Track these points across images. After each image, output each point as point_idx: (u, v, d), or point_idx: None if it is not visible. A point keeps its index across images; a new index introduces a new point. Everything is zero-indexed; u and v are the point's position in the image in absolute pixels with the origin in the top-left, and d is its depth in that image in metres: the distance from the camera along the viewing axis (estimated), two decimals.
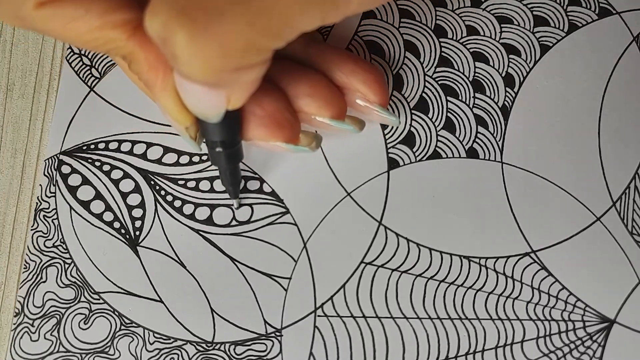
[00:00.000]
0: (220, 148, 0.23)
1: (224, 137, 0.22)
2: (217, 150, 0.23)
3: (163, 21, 0.16)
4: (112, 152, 0.27)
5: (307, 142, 0.24)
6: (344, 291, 0.25)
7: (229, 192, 0.25)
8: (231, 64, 0.18)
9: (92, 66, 0.28)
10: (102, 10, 0.19)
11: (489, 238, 0.25)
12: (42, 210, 0.27)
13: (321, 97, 0.23)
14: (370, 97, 0.24)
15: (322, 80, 0.24)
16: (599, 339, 0.24)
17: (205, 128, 0.22)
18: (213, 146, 0.23)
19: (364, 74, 0.24)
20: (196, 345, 0.25)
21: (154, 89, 0.21)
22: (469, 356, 0.24)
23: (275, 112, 0.23)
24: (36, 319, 0.25)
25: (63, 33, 0.20)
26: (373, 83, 0.24)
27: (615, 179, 0.25)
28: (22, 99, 0.28)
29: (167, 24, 0.16)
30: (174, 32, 0.16)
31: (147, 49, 0.20)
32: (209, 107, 0.20)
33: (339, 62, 0.24)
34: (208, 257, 0.26)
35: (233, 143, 0.23)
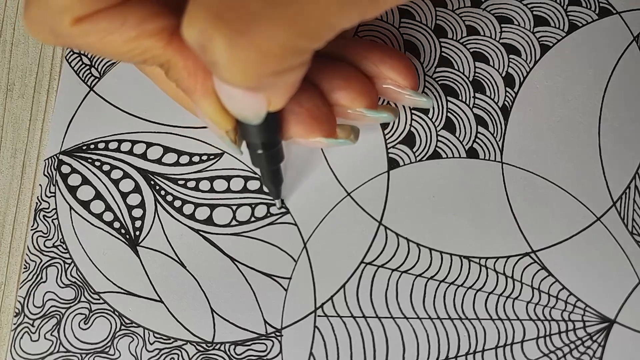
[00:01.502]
0: (262, 150, 0.23)
1: (264, 139, 0.23)
2: (259, 152, 0.23)
3: (201, 29, 0.16)
4: (112, 152, 0.27)
5: (345, 135, 0.25)
6: (344, 291, 0.25)
7: (271, 192, 0.25)
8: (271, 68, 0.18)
9: (91, 66, 0.28)
10: (138, 21, 0.19)
11: (489, 238, 0.25)
12: (42, 210, 0.27)
13: (354, 88, 0.23)
14: (401, 82, 0.24)
15: (353, 72, 0.24)
16: (599, 339, 0.24)
17: (246, 130, 0.22)
18: (254, 148, 0.23)
19: (392, 61, 0.24)
20: (196, 345, 0.25)
21: (194, 94, 0.21)
22: (469, 356, 0.24)
23: (312, 108, 0.23)
24: (36, 319, 0.25)
25: (100, 47, 0.19)
26: (402, 68, 0.24)
27: (615, 178, 0.25)
28: (22, 99, 0.28)
29: (204, 32, 0.16)
30: (212, 39, 0.16)
31: (185, 56, 0.20)
32: (250, 110, 0.20)
33: (366, 53, 0.24)
34: (208, 257, 0.26)
35: (274, 144, 0.23)
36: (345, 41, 0.24)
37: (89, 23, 0.19)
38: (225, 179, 0.26)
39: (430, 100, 0.25)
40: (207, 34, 0.16)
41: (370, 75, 0.24)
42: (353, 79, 0.24)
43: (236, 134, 0.23)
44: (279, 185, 0.25)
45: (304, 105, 0.23)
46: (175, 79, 0.21)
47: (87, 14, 0.19)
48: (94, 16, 0.19)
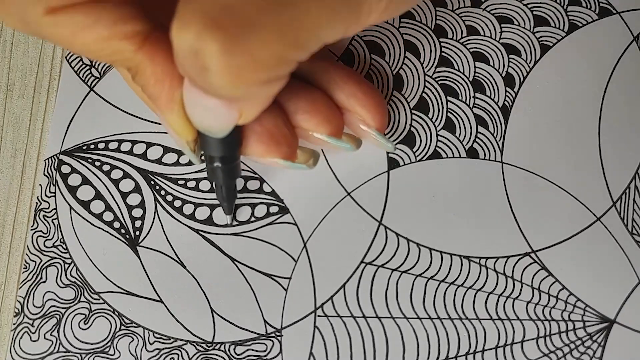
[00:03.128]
0: (219, 163, 0.23)
1: (223, 153, 0.22)
2: (215, 165, 0.23)
3: (195, 32, 0.16)
4: (112, 152, 0.27)
5: (304, 159, 0.24)
6: (344, 291, 0.25)
7: (223, 208, 0.25)
8: (261, 77, 0.18)
9: (92, 66, 0.28)
10: (112, 21, 0.19)
11: (489, 238, 0.25)
12: (42, 210, 0.27)
13: (319, 114, 0.23)
14: (369, 122, 0.24)
15: (321, 97, 0.24)
16: (599, 339, 0.24)
17: (206, 143, 0.22)
18: (211, 161, 0.23)
19: (364, 98, 0.24)
20: (196, 345, 0.25)
21: (159, 101, 0.21)
22: (469, 356, 0.24)
23: (273, 128, 0.23)
24: (36, 319, 0.25)
25: (70, 41, 0.19)
26: (372, 108, 0.24)
27: (615, 178, 0.25)
28: (22, 99, 0.28)
29: (199, 36, 0.16)
30: (206, 44, 0.16)
31: (154, 62, 0.20)
32: (219, 121, 0.20)
33: (340, 82, 0.24)
34: (208, 257, 0.26)
35: (232, 159, 0.23)
36: (324, 65, 0.24)
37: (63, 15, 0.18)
38: None
39: (393, 146, 0.25)
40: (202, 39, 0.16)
41: (340, 105, 0.24)
42: (319, 104, 0.23)
43: (196, 144, 0.22)
44: (233, 201, 0.25)
45: (264, 125, 0.22)
46: (141, 84, 0.21)
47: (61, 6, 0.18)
48: (68, 9, 0.18)
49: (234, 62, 0.17)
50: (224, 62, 0.17)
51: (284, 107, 0.23)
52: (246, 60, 0.17)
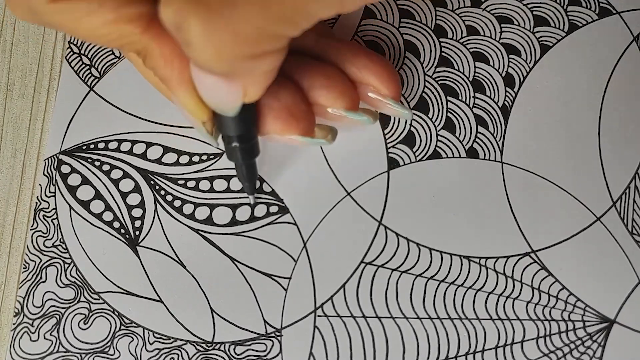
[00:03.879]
0: (237, 143, 0.23)
1: (240, 131, 0.22)
2: (234, 145, 0.23)
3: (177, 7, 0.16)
4: (112, 152, 0.27)
5: (323, 135, 0.24)
6: (344, 291, 0.25)
7: (245, 188, 0.25)
8: (245, 51, 0.17)
9: (91, 66, 0.28)
10: (116, 4, 0.19)
11: (489, 238, 0.25)
12: (41, 210, 0.27)
13: (335, 88, 0.23)
14: (383, 91, 0.24)
15: (336, 73, 0.24)
16: (599, 339, 0.24)
17: (222, 122, 0.22)
18: (229, 141, 0.23)
19: (376, 68, 0.24)
20: (196, 345, 0.25)
21: (170, 83, 0.21)
22: (469, 356, 0.24)
23: (291, 105, 0.23)
24: (36, 318, 0.25)
25: (76, 27, 0.19)
26: (386, 77, 0.24)
27: (615, 178, 0.25)
28: (22, 99, 0.28)
29: (180, 10, 0.16)
30: (187, 18, 0.16)
31: (162, 43, 0.20)
32: (225, 99, 0.20)
33: (351, 57, 0.24)
34: (208, 257, 0.26)
35: (249, 137, 0.23)
36: (332, 42, 0.24)
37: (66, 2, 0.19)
38: (225, 178, 0.26)
39: (410, 113, 0.25)
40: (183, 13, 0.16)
41: (353, 79, 0.24)
42: (335, 79, 0.23)
43: (213, 125, 0.22)
44: (254, 180, 0.25)
45: (282, 101, 0.22)
46: (152, 67, 0.21)
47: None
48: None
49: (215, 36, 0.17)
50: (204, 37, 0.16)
51: (299, 83, 0.23)
52: (227, 35, 0.17)
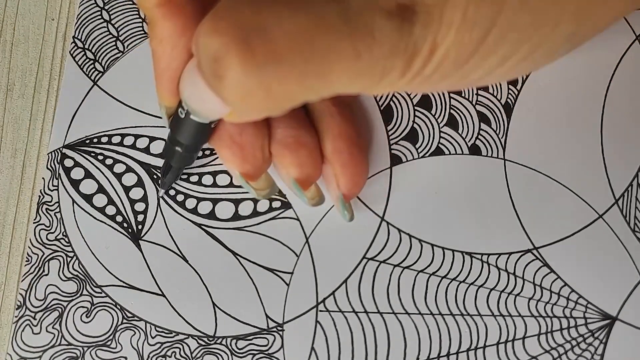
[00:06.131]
0: (180, 149, 0.23)
1: (190, 142, 0.23)
2: (176, 149, 0.23)
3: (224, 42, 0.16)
4: (115, 146, 0.27)
5: (260, 186, 0.24)
6: (345, 286, 0.25)
7: (162, 183, 0.26)
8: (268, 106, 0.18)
9: (95, 60, 0.28)
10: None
11: (491, 235, 0.25)
12: (44, 203, 0.27)
13: (298, 156, 0.23)
14: (340, 184, 0.24)
15: (309, 142, 0.23)
16: (601, 336, 0.24)
17: (178, 124, 0.22)
18: (174, 143, 0.23)
19: (348, 160, 0.24)
20: (198, 339, 0.25)
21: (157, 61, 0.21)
22: (470, 352, 0.24)
23: (248, 145, 0.23)
24: (38, 311, 0.25)
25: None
26: (350, 174, 0.24)
27: (617, 176, 0.25)
28: (22, 99, 0.28)
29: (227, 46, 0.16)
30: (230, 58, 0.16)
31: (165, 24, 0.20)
32: (207, 109, 0.20)
33: (335, 133, 0.24)
34: (210, 252, 0.26)
35: (194, 149, 0.23)
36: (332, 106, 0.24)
37: None
38: (227, 173, 0.26)
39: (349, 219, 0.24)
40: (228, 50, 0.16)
41: (324, 153, 0.24)
42: (304, 148, 0.23)
43: (169, 116, 0.23)
44: (173, 181, 0.26)
45: (243, 137, 0.22)
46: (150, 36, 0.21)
47: None
48: None
49: (249, 86, 0.17)
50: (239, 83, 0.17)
51: (271, 129, 0.23)
52: (260, 89, 0.17)
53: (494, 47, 0.18)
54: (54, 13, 0.29)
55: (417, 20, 0.17)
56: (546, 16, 0.18)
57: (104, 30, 0.28)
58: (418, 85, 0.19)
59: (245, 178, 0.23)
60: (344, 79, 0.18)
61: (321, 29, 0.17)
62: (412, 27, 0.17)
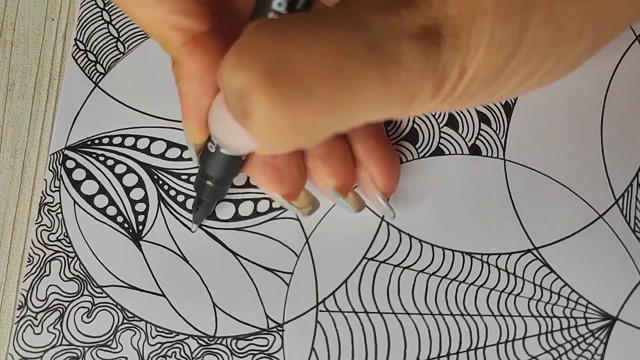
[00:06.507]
0: (211, 183, 0.23)
1: (220, 175, 0.22)
2: (207, 183, 0.23)
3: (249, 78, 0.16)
4: (116, 147, 0.27)
5: (303, 204, 0.24)
6: (345, 286, 0.25)
7: (194, 218, 0.25)
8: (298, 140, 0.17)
9: (97, 62, 0.28)
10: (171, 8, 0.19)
11: (491, 235, 0.25)
12: (46, 204, 0.27)
13: (333, 165, 0.23)
14: (377, 181, 0.24)
15: (340, 149, 0.23)
16: (601, 336, 0.24)
17: (207, 159, 0.22)
18: (205, 177, 0.23)
19: (380, 157, 0.24)
20: (198, 340, 0.25)
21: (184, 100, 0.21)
22: (470, 352, 0.24)
23: (283, 166, 0.22)
24: (39, 312, 0.26)
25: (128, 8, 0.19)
26: (385, 169, 0.24)
27: (617, 176, 0.25)
28: (22, 99, 0.28)
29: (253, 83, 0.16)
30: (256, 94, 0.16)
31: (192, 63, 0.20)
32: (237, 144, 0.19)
33: (364, 136, 0.23)
34: (210, 252, 0.26)
35: (224, 183, 0.23)
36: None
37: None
38: None
39: (393, 214, 0.24)
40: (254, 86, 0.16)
41: (356, 158, 0.24)
42: (336, 156, 0.23)
43: (198, 152, 0.22)
44: (205, 216, 0.25)
45: (276, 159, 0.22)
46: (175, 75, 0.21)
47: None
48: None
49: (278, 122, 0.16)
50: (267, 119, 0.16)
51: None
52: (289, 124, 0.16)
53: (520, 65, 0.18)
54: (54, 13, 0.29)
55: (444, 44, 0.17)
56: (569, 30, 0.18)
57: (105, 32, 0.28)
58: (447, 106, 0.19)
59: (287, 199, 0.23)
60: (373, 107, 0.17)
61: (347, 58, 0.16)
62: (439, 50, 0.17)
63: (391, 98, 0.17)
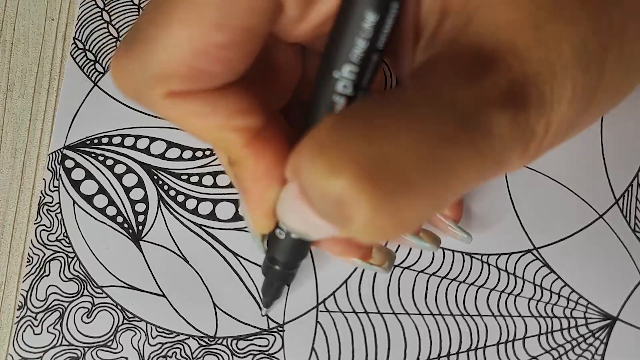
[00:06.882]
0: (279, 267, 0.22)
1: (288, 260, 0.22)
2: (275, 267, 0.22)
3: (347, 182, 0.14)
4: (116, 147, 0.27)
5: (380, 261, 0.23)
6: (346, 287, 0.25)
7: (264, 302, 0.25)
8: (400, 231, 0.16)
9: (96, 61, 0.28)
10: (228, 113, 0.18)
11: (491, 235, 0.25)
12: (45, 204, 0.27)
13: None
14: (445, 212, 0.24)
15: None
16: (602, 336, 0.24)
17: (274, 244, 0.21)
18: (272, 262, 0.22)
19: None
20: (198, 340, 0.25)
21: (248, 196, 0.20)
22: (470, 352, 0.24)
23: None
24: (39, 312, 0.26)
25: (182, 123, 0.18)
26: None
27: (617, 176, 0.25)
28: (22, 99, 0.28)
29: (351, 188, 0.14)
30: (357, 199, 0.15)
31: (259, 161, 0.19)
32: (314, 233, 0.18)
33: None
34: (211, 252, 0.26)
35: (293, 266, 0.22)
36: None
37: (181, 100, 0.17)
38: None
39: (470, 238, 0.24)
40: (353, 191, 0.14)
41: None
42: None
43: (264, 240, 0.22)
44: (275, 299, 0.25)
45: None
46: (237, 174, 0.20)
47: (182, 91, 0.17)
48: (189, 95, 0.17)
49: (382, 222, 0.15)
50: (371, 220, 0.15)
51: None
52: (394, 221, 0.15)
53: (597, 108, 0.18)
54: (54, 13, 0.29)
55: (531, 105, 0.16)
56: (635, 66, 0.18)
57: (105, 31, 0.28)
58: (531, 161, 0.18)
59: (363, 259, 0.23)
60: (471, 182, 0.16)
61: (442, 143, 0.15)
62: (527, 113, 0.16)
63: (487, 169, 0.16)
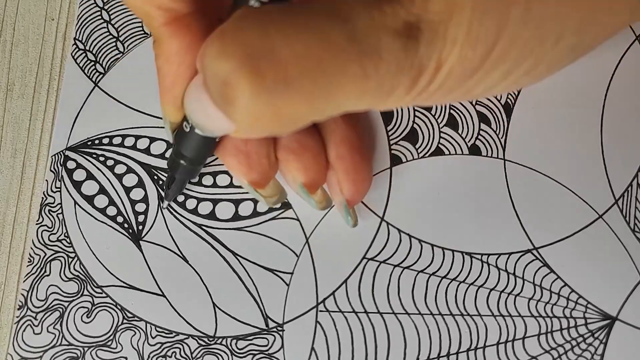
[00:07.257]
0: (184, 162, 0.23)
1: (193, 155, 0.23)
2: (180, 162, 0.23)
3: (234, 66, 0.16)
4: (116, 147, 0.27)
5: (269, 193, 0.24)
6: (345, 286, 0.25)
7: (166, 195, 0.26)
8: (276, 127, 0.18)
9: (96, 62, 0.28)
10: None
11: (491, 235, 0.25)
12: (47, 205, 0.27)
13: (303, 160, 0.23)
14: (343, 189, 0.24)
15: (313, 147, 0.23)
16: (601, 336, 0.24)
17: (182, 139, 0.22)
18: (179, 156, 0.23)
19: (351, 165, 0.24)
20: (198, 340, 0.25)
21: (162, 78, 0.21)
22: (470, 352, 0.24)
23: (253, 153, 0.23)
24: (39, 312, 0.26)
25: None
26: (353, 179, 0.24)
27: (617, 176, 0.25)
28: (22, 99, 0.28)
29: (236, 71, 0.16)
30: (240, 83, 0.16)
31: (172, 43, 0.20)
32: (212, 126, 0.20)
33: (339, 140, 0.24)
34: (210, 252, 0.26)
35: (198, 162, 0.23)
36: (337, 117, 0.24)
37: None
38: (228, 173, 0.27)
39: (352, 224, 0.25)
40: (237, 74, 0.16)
41: (328, 160, 0.24)
42: (309, 152, 0.23)
43: (174, 130, 0.23)
44: (178, 194, 0.26)
45: (248, 147, 0.22)
46: (155, 53, 0.21)
47: None
48: None
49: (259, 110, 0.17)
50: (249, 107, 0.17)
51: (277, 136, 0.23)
52: (270, 112, 0.17)
53: (497, 63, 0.18)
54: (54, 13, 0.29)
55: (423, 38, 0.17)
56: (548, 30, 0.18)
57: (104, 31, 0.28)
58: (423, 100, 0.19)
59: (253, 186, 0.23)
60: (351, 99, 0.17)
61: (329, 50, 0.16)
62: (417, 45, 0.17)
63: (369, 90, 0.17)
